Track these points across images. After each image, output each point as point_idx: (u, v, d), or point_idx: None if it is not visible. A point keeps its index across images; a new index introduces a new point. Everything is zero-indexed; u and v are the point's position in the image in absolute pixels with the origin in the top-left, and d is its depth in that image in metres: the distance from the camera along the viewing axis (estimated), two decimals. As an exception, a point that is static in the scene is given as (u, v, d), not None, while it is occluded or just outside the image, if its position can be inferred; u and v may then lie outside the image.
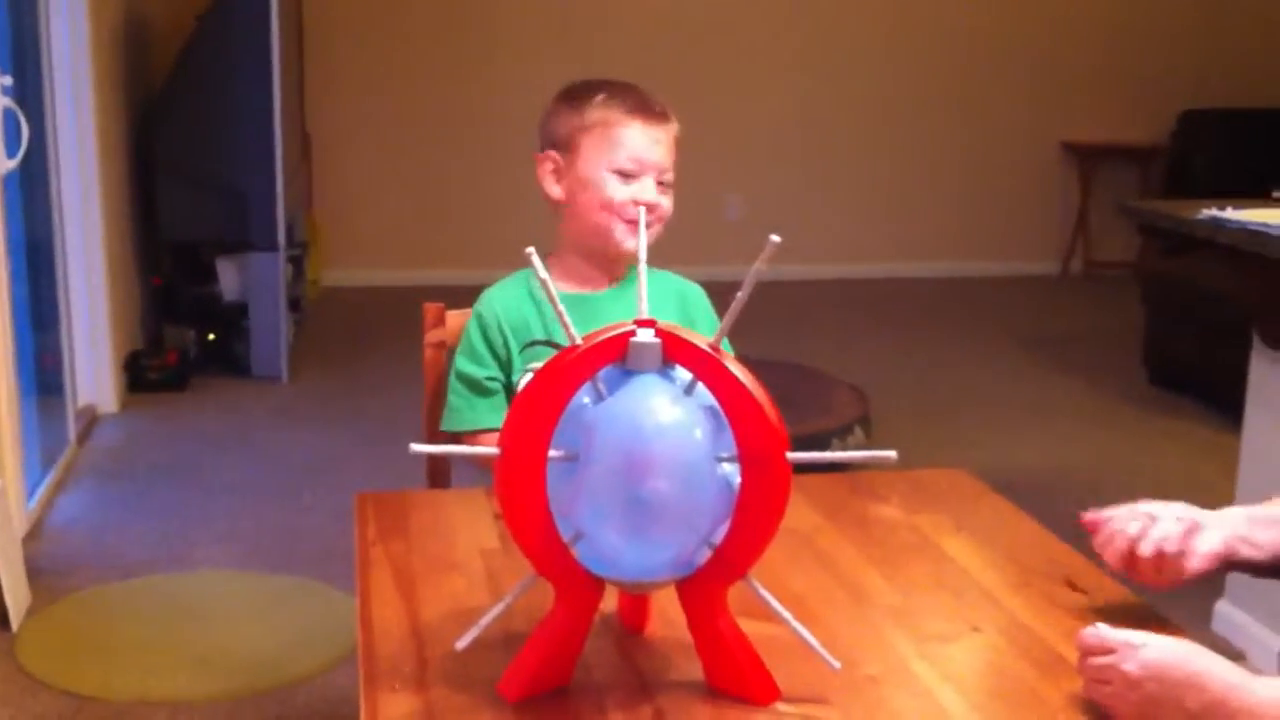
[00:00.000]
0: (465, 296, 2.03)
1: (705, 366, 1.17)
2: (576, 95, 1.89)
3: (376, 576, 1.50)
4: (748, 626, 1.24)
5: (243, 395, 4.86)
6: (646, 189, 1.84)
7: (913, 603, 1.47)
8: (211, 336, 5.07)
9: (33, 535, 3.48)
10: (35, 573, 3.21)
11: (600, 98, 1.86)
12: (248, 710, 2.70)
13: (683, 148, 1.91)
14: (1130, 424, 4.74)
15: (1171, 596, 1.69)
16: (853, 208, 7.02)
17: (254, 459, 4.19)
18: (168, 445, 4.31)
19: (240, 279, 5.03)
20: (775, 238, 1.15)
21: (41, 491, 3.71)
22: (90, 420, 4.43)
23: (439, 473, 2.07)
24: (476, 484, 1.78)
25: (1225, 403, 4.39)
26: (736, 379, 1.17)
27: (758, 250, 1.14)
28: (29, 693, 2.73)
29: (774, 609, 1.23)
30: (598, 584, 1.22)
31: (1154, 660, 1.18)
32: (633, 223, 1.84)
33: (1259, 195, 2.99)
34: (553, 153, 1.90)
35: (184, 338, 5.04)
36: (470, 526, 1.65)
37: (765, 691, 1.24)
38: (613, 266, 1.94)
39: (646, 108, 1.86)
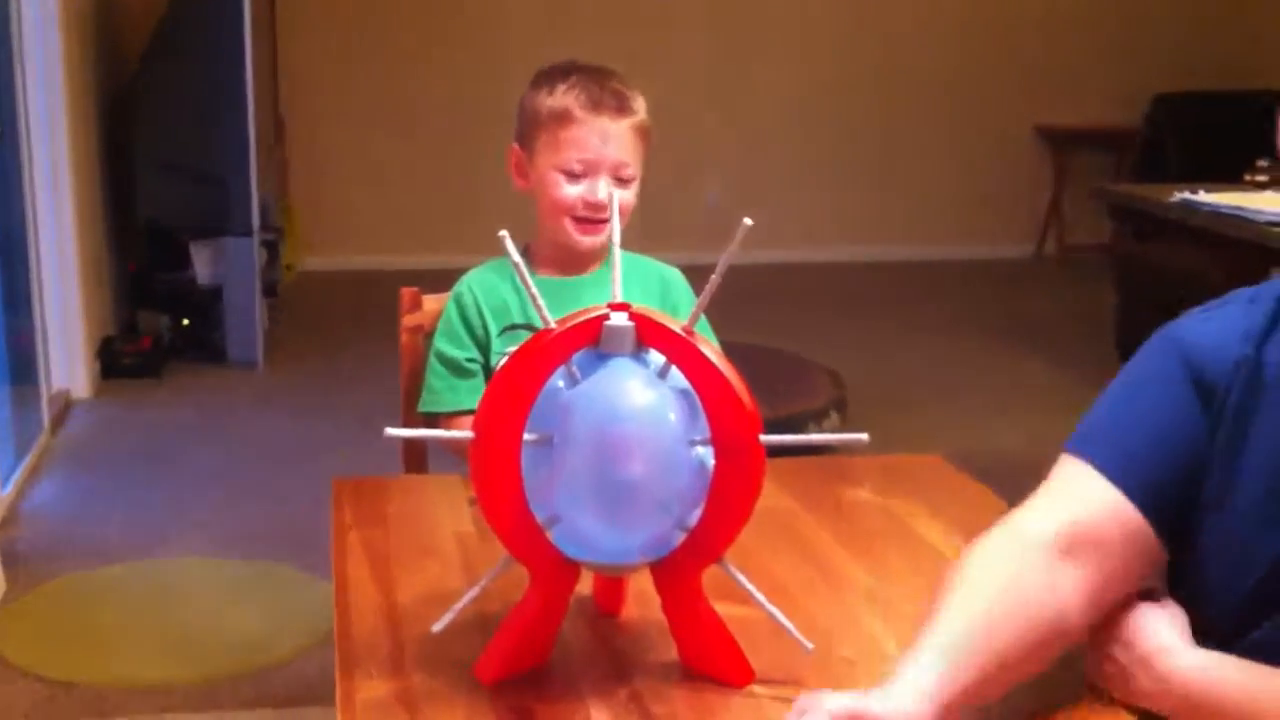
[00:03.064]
0: (442, 281, 2.02)
1: (678, 350, 1.18)
2: (542, 82, 1.87)
3: (353, 561, 1.50)
4: (722, 609, 1.25)
5: (218, 381, 4.84)
6: (596, 188, 1.83)
7: (886, 586, 1.48)
8: (186, 322, 5.04)
9: (8, 522, 3.47)
10: (11, 560, 3.20)
11: (561, 88, 1.84)
12: (224, 694, 2.70)
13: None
14: (1103, 407, 4.76)
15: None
16: (828, 192, 7.03)
17: (229, 445, 4.17)
18: (142, 431, 4.29)
19: (215, 264, 5.00)
20: (748, 221, 1.16)
21: (16, 478, 3.69)
22: (64, 406, 4.41)
23: (416, 457, 2.06)
24: (454, 469, 1.78)
25: (1197, 385, 4.41)
26: (710, 362, 1.17)
27: (732, 234, 1.14)
28: (6, 680, 2.72)
29: (748, 592, 1.23)
30: (573, 567, 1.23)
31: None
32: (581, 221, 1.85)
33: (1231, 179, 3.01)
34: (516, 146, 1.91)
35: (158, 323, 5.01)
36: (446, 511, 1.65)
37: (740, 673, 1.24)
38: (590, 253, 1.94)
39: (600, 102, 1.83)
